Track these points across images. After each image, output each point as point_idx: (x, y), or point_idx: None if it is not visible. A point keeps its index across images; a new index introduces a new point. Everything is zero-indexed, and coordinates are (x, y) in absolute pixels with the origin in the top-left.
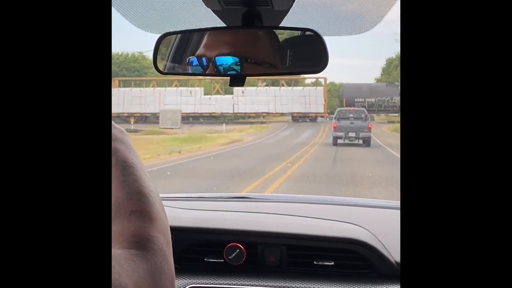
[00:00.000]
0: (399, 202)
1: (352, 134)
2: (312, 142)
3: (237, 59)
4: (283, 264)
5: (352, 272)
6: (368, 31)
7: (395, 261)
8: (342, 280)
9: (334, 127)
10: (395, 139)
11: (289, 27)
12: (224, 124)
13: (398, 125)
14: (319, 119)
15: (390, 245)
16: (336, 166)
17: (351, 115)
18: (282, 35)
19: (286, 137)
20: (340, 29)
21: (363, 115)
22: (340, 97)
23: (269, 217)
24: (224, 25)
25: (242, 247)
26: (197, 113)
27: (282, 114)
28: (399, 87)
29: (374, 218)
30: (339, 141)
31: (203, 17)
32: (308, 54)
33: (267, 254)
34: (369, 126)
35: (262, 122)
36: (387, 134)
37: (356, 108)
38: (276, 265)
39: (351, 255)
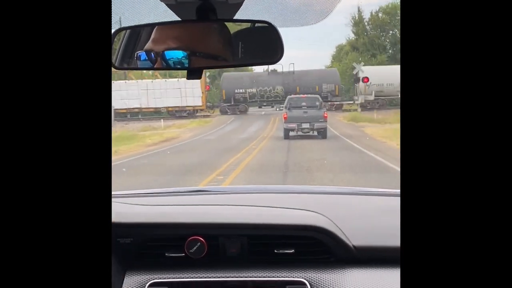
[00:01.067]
0: (354, 187)
1: (305, 125)
2: (261, 136)
3: (186, 53)
4: (244, 255)
5: (312, 258)
6: (319, 22)
7: (353, 245)
8: (302, 267)
9: (285, 118)
10: (354, 129)
11: (244, 20)
12: (162, 120)
13: (356, 114)
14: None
15: (347, 230)
16: (289, 177)
17: (303, 103)
18: (238, 27)
19: (230, 132)
20: (293, 20)
21: (317, 103)
22: (220, 89)
23: (228, 208)
24: (179, 19)
25: (203, 240)
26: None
27: (156, 109)
28: (282, 75)
29: (330, 205)
30: (292, 133)
31: (157, 11)
32: (262, 45)
33: (228, 246)
34: (325, 115)
35: (205, 116)
36: (344, 123)
37: (309, 95)
38: (237, 256)
39: (310, 242)
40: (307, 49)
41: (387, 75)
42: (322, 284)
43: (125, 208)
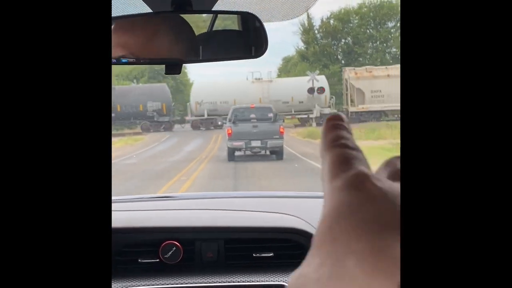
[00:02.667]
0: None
1: (256, 143)
2: (199, 158)
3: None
4: (221, 259)
5: (291, 261)
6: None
7: None
8: (281, 270)
9: (229, 134)
10: (315, 148)
11: (225, 11)
12: None
13: (312, 129)
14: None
15: None
16: None
17: (252, 115)
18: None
19: (161, 153)
20: (274, 13)
21: (270, 115)
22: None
23: (204, 212)
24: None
25: (178, 245)
26: None
27: None
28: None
29: (305, 207)
30: (238, 153)
31: (129, 2)
32: (245, 39)
33: (205, 250)
34: (281, 130)
35: (136, 133)
36: (300, 141)
37: (260, 105)
38: (214, 261)
39: (289, 245)
40: (250, 65)
41: None
42: None
43: None
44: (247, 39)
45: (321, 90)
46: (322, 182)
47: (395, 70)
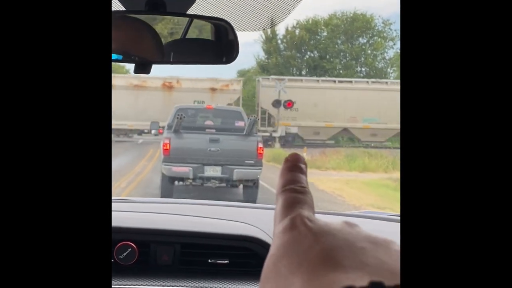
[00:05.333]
0: None
1: (213, 171)
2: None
3: (120, 57)
4: (176, 263)
5: (246, 270)
6: (275, 26)
7: None
8: (236, 278)
9: (166, 151)
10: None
11: (199, 15)
12: None
13: (278, 151)
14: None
15: None
16: None
17: (209, 122)
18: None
19: None
20: (247, 23)
21: (240, 123)
22: None
23: (161, 216)
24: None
25: (134, 246)
26: None
27: None
28: None
29: (264, 217)
30: (179, 186)
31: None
32: (217, 44)
33: (160, 253)
34: (259, 150)
35: None
36: (266, 166)
37: (223, 107)
38: (169, 264)
39: (245, 253)
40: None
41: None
42: None
43: None
44: (219, 47)
45: (288, 103)
46: (274, 224)
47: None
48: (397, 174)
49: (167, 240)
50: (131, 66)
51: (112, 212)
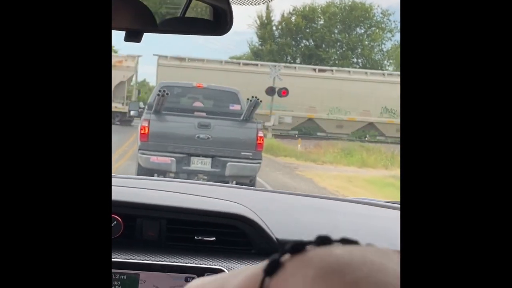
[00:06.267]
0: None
1: (201, 164)
2: None
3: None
4: (162, 239)
5: (233, 248)
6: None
7: (276, 238)
8: (222, 256)
9: (144, 136)
10: (287, 173)
11: None
12: None
13: (271, 141)
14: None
15: (271, 223)
16: None
17: (198, 103)
18: None
19: None
20: None
21: (235, 106)
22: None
23: (148, 191)
24: None
25: (119, 219)
26: None
27: None
28: None
29: (254, 198)
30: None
31: None
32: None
33: (146, 228)
34: (259, 139)
35: None
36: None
37: (216, 86)
38: (155, 240)
39: (232, 231)
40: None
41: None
42: None
43: None
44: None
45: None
46: None
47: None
48: (398, 172)
49: (154, 215)
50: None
51: None
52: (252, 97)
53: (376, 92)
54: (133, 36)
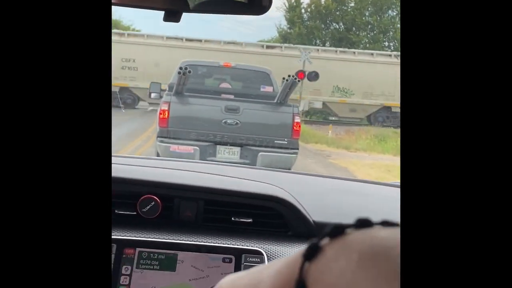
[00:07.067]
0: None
1: (230, 153)
2: None
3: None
4: (199, 219)
5: (269, 230)
6: None
7: (313, 221)
8: (259, 238)
9: (163, 121)
10: (320, 161)
11: None
12: None
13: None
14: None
15: (307, 205)
16: None
17: (225, 85)
18: None
19: None
20: None
21: (267, 88)
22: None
23: (185, 172)
24: None
25: (157, 200)
26: None
27: None
28: None
29: (290, 180)
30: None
31: None
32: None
33: (183, 208)
34: (295, 126)
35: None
36: None
37: (246, 66)
38: (192, 220)
39: (269, 213)
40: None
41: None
42: (279, 256)
43: None
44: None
45: (314, 75)
46: None
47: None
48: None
49: (191, 196)
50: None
51: (136, 167)
52: (289, 76)
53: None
54: (172, 15)
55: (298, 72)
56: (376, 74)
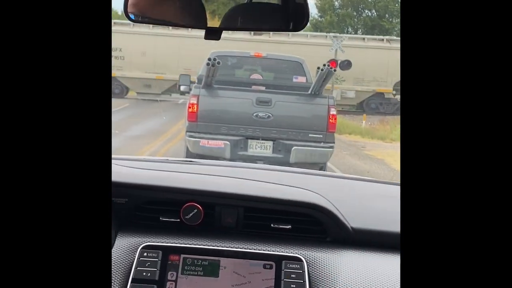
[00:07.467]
0: (351, 175)
1: (261, 150)
2: None
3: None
4: (239, 226)
5: (308, 236)
6: None
7: (351, 227)
8: (298, 244)
9: (192, 115)
10: (355, 154)
11: None
12: None
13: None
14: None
15: (345, 211)
16: None
17: (256, 76)
18: None
19: None
20: None
21: (300, 78)
22: None
23: (226, 179)
24: None
25: (199, 207)
26: None
27: None
28: None
29: (328, 185)
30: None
31: None
32: (286, 10)
33: (225, 215)
34: (331, 118)
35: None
36: None
37: (277, 55)
38: (233, 227)
39: (308, 219)
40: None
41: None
42: (318, 262)
43: (123, 169)
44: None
45: (346, 64)
46: None
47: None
48: None
49: (232, 203)
50: None
51: (179, 173)
52: (324, 65)
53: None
54: (212, 33)
55: (330, 61)
56: (367, 59)
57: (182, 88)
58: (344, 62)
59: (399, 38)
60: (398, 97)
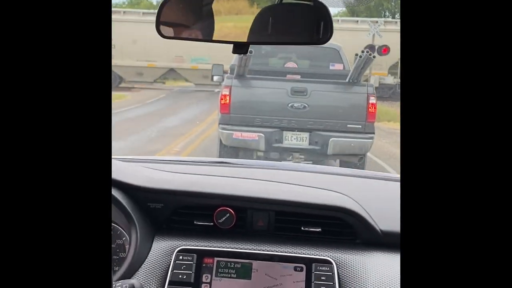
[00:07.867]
0: (377, 172)
1: (298, 142)
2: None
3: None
4: (271, 229)
5: (338, 238)
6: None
7: (380, 230)
8: (328, 246)
9: (225, 107)
10: (394, 142)
11: None
12: None
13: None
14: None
15: (374, 214)
16: None
17: (291, 64)
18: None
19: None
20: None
21: (337, 66)
22: None
23: (257, 183)
24: None
25: (232, 211)
26: None
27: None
28: None
29: (356, 187)
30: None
31: None
32: (310, 23)
33: (256, 219)
34: (370, 108)
35: (129, 88)
36: None
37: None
38: (264, 230)
39: (337, 222)
40: None
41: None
42: (348, 264)
43: (155, 174)
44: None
45: (384, 49)
46: None
47: None
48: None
49: (263, 207)
50: None
51: (212, 177)
52: (362, 51)
53: None
54: (240, 47)
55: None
56: (355, 41)
57: (215, 78)
58: (381, 47)
59: None
60: None
